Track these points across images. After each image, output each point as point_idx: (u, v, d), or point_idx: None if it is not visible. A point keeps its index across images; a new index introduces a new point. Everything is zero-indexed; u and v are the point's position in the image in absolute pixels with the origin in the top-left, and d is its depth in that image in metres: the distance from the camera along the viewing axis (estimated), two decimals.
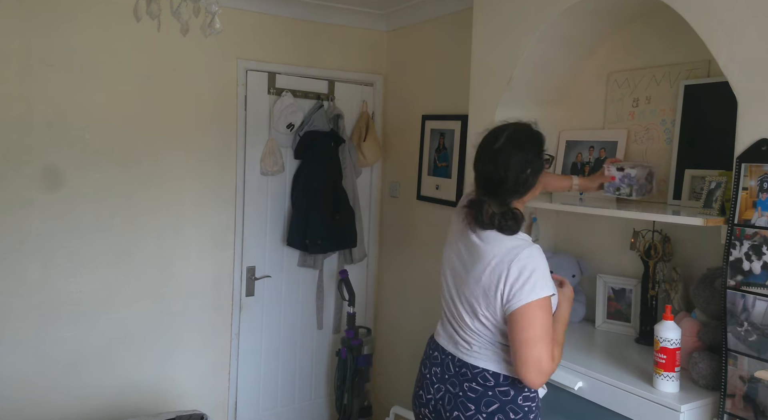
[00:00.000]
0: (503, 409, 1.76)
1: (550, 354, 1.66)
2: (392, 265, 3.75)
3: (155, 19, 1.76)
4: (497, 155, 1.77)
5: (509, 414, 1.76)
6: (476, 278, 1.78)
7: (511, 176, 1.75)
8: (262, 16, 3.31)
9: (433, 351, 1.97)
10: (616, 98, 2.51)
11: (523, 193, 1.80)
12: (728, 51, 1.72)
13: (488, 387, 1.78)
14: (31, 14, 2.76)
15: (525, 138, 1.81)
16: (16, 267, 2.83)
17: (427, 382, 1.94)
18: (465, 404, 1.80)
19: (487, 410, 1.77)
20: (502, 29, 2.48)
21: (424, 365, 1.98)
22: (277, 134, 3.40)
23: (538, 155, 1.81)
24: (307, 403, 3.73)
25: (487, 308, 1.76)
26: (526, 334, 1.66)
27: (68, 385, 2.97)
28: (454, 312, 1.88)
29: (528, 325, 1.66)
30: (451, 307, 1.90)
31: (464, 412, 1.79)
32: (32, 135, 2.81)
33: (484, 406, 1.77)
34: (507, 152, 1.76)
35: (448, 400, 1.85)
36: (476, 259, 1.80)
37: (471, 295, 1.80)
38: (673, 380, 1.81)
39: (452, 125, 3.22)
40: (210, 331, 3.34)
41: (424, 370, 1.97)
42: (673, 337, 1.82)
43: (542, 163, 1.83)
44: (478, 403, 1.78)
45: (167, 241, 3.17)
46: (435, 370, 1.93)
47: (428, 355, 1.99)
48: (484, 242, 1.79)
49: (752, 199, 1.66)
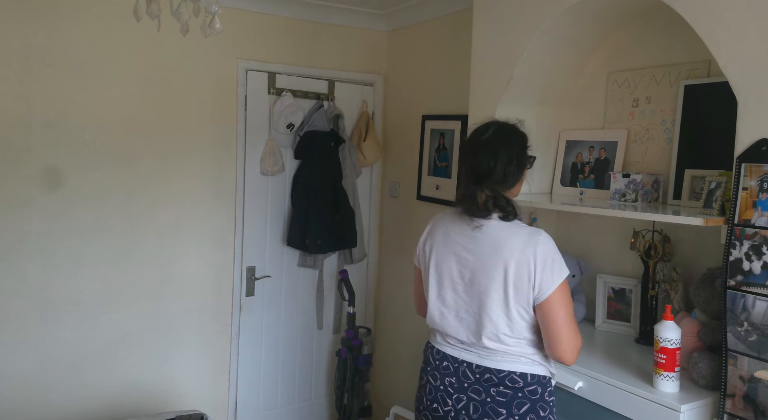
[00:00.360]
0: (534, 408, 1.77)
1: (577, 330, 1.77)
2: (392, 265, 3.75)
3: (155, 19, 1.76)
4: (486, 146, 1.83)
5: (539, 412, 1.77)
6: (500, 274, 1.76)
7: (499, 166, 1.80)
8: (262, 16, 3.31)
9: (441, 361, 1.90)
10: (616, 98, 2.51)
11: (509, 185, 1.84)
12: (728, 51, 1.72)
13: (518, 388, 1.77)
14: (31, 14, 2.76)
15: (511, 133, 1.88)
16: (16, 267, 2.82)
17: (442, 393, 1.87)
18: (495, 409, 1.78)
19: (519, 412, 1.76)
20: (502, 29, 2.48)
21: (434, 377, 1.91)
22: (277, 134, 3.40)
23: (523, 151, 1.87)
24: (307, 403, 3.73)
25: (519, 301, 1.75)
26: (561, 315, 1.74)
27: (68, 385, 2.97)
28: (470, 317, 1.82)
29: (561, 306, 1.74)
30: (464, 313, 1.84)
31: (495, 417, 1.77)
32: (32, 135, 2.81)
33: (516, 408, 1.77)
34: (495, 143, 1.83)
35: (474, 409, 1.80)
36: (491, 255, 1.77)
37: (496, 292, 1.76)
38: (673, 380, 1.81)
39: (452, 125, 3.22)
40: (210, 331, 3.34)
41: (435, 382, 1.89)
42: (673, 337, 1.82)
43: (526, 159, 1.88)
44: (509, 406, 1.77)
45: (167, 241, 3.17)
46: (449, 380, 1.87)
47: (435, 365, 1.91)
48: (493, 236, 1.79)
49: (752, 199, 1.66)
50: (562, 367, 2.00)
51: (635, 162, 2.43)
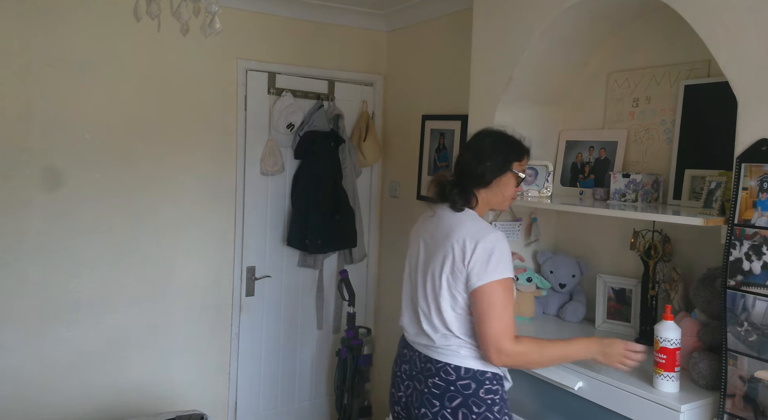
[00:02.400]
0: (466, 403, 1.79)
1: (511, 335, 1.74)
2: (392, 265, 3.75)
3: (155, 19, 1.76)
4: (469, 143, 2.00)
5: (472, 407, 1.78)
6: (446, 252, 1.82)
7: (472, 163, 1.88)
8: (262, 16, 3.31)
9: (403, 348, 2.02)
10: (616, 98, 2.51)
11: (479, 184, 1.90)
12: (728, 51, 1.72)
13: (450, 381, 1.81)
14: (31, 14, 2.76)
15: (499, 138, 1.95)
16: (16, 267, 2.82)
17: (397, 379, 1.99)
18: (430, 400, 1.83)
19: (450, 405, 1.80)
20: (502, 29, 2.48)
21: (395, 363, 2.03)
22: (277, 134, 3.40)
23: (505, 157, 1.91)
24: (307, 403, 3.73)
25: (456, 283, 1.80)
26: (487, 310, 1.74)
27: (68, 385, 2.97)
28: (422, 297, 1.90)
29: (490, 302, 1.74)
30: (419, 294, 1.92)
31: (430, 408, 1.82)
32: (32, 135, 2.81)
33: (448, 401, 1.80)
34: (476, 142, 1.96)
35: (416, 397, 1.88)
36: (445, 236, 1.85)
37: (443, 271, 1.82)
38: (673, 380, 1.81)
39: (452, 125, 3.22)
40: (210, 331, 3.34)
41: (395, 368, 2.02)
42: (673, 337, 1.82)
43: (504, 166, 1.90)
44: (442, 399, 1.81)
45: (167, 241, 3.17)
46: (404, 367, 1.97)
47: (399, 352, 2.04)
48: (450, 221, 1.87)
49: (752, 199, 1.66)
50: (562, 367, 2.01)
51: (635, 162, 2.43)
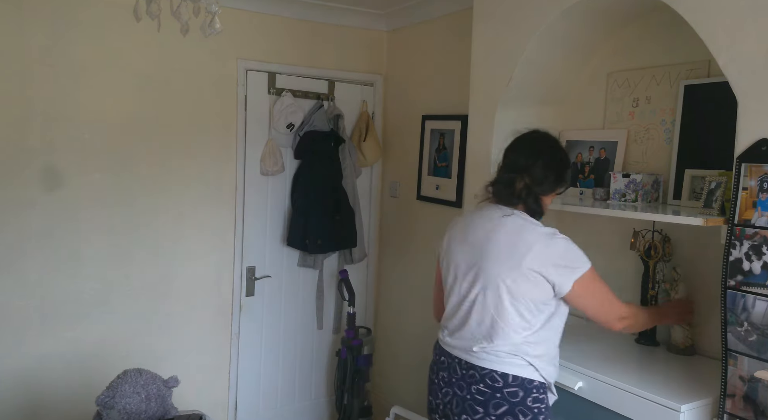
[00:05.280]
0: (512, 411, 1.74)
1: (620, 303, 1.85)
2: (392, 265, 3.75)
3: (155, 19, 1.76)
4: (532, 143, 1.90)
5: (518, 416, 1.74)
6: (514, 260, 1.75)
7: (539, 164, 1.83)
8: (262, 16, 3.31)
9: (439, 356, 1.95)
10: (616, 98, 2.51)
11: (543, 190, 1.86)
12: (728, 51, 1.72)
13: (496, 388, 1.76)
14: (31, 14, 2.76)
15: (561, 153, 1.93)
16: (16, 267, 2.83)
17: (435, 387, 1.93)
18: (473, 407, 1.78)
19: (496, 412, 1.75)
20: (502, 29, 2.48)
21: (432, 370, 1.98)
22: (277, 134, 3.40)
23: (564, 166, 1.90)
24: (307, 403, 3.73)
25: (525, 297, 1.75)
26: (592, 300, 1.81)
27: (68, 385, 2.96)
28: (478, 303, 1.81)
29: (592, 292, 1.79)
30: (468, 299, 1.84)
31: (472, 415, 1.78)
32: (32, 135, 2.81)
33: (493, 408, 1.76)
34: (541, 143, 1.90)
35: (456, 403, 1.83)
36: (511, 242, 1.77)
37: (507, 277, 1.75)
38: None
39: (452, 125, 3.21)
40: (210, 331, 3.34)
41: (432, 376, 1.97)
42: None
43: (560, 183, 1.90)
44: (487, 406, 1.76)
45: (167, 241, 3.17)
46: (442, 374, 1.91)
47: (435, 360, 1.98)
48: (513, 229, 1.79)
49: (752, 199, 1.66)
50: (562, 368, 2.00)
51: (635, 162, 2.43)
